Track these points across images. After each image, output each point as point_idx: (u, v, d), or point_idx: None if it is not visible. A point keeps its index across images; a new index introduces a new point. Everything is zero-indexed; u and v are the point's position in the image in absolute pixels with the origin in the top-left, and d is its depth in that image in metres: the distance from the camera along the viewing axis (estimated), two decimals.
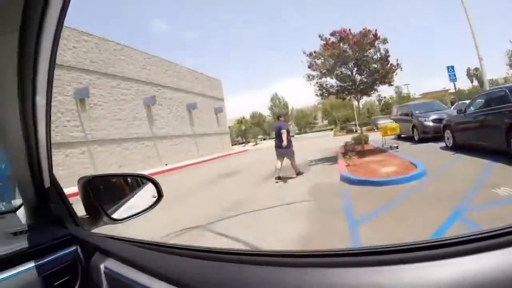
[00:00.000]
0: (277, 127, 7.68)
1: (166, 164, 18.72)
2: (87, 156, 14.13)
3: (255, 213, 4.82)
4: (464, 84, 48.69)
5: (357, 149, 9.92)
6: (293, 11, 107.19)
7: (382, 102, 46.73)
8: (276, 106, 55.38)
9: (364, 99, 15.75)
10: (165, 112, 20.63)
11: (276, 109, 55.04)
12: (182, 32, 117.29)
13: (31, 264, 0.79)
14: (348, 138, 14.04)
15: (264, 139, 54.16)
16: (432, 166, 5.94)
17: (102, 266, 0.79)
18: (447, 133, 8.27)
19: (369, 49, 8.76)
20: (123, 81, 17.09)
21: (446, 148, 8.27)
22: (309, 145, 18.98)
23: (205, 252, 0.65)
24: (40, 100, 0.69)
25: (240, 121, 48.81)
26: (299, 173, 7.66)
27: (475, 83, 44.62)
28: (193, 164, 18.18)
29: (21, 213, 1.09)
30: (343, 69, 9.30)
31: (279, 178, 7.43)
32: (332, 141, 20.35)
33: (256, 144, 41.62)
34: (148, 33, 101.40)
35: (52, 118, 0.82)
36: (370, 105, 47.72)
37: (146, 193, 1.20)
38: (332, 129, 44.97)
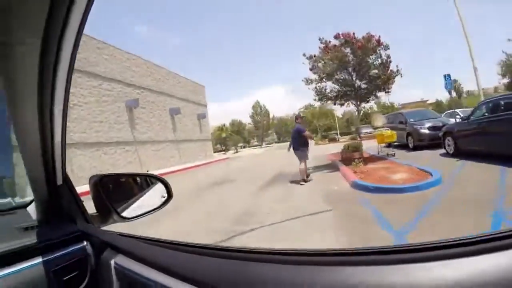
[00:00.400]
0: (295, 131, 7.49)
1: (147, 171, 17.78)
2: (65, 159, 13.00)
3: (276, 226, 4.24)
4: (442, 95, 50.93)
5: (355, 156, 9.73)
6: (274, 20, 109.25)
7: (362, 112, 47.75)
8: (258, 114, 55.29)
9: (344, 109, 16.04)
10: (147, 116, 19.67)
11: (257, 117, 55.00)
12: (164, 37, 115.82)
13: (41, 259, 0.79)
14: (331, 147, 14.07)
15: (244, 147, 53.76)
16: (443, 172, 5.78)
17: (112, 262, 0.79)
18: (448, 140, 8.28)
19: (371, 54, 8.68)
20: (105, 81, 16.05)
21: (446, 155, 8.28)
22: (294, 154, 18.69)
23: (219, 250, 0.65)
24: (58, 102, 0.70)
25: (221, 129, 48.04)
26: (304, 180, 7.31)
27: (453, 94, 46.80)
28: (176, 171, 17.35)
29: (31, 209, 1.11)
30: (344, 73, 9.17)
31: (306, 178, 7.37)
32: (315, 149, 20.22)
33: (237, 151, 41.32)
34: (131, 36, 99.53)
35: None
36: (350, 115, 48.73)
37: (156, 193, 1.20)
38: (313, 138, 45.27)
